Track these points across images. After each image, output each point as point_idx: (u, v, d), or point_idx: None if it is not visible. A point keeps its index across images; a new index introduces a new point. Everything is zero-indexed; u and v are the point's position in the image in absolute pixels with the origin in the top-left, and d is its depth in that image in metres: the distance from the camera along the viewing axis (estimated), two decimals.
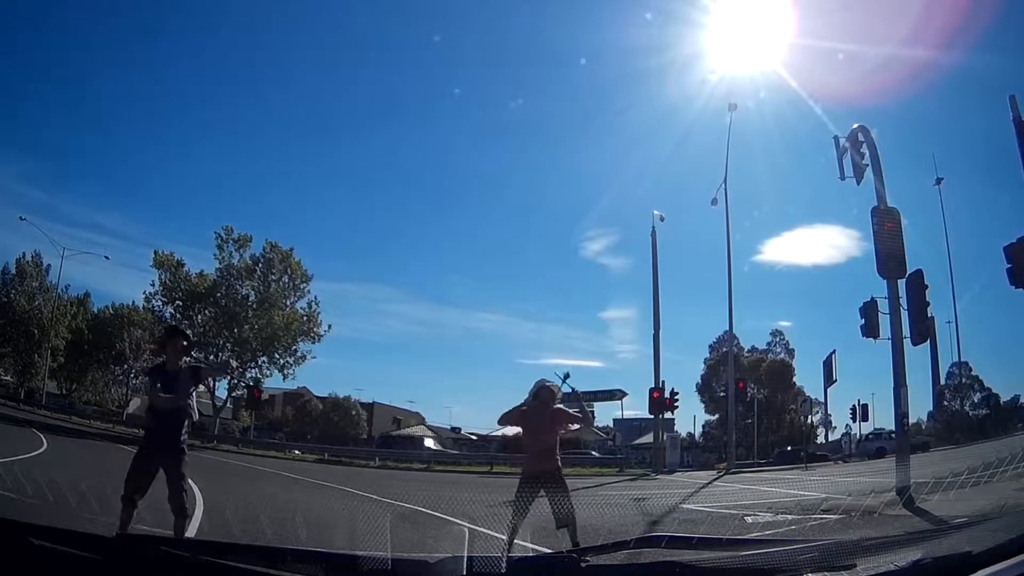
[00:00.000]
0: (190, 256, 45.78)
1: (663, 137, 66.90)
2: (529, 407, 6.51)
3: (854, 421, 37.47)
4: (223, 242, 40.30)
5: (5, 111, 55.12)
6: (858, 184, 15.52)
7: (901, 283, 13.68)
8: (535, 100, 75.03)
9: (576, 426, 7.24)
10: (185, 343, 5.98)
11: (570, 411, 6.66)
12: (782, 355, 52.47)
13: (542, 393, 6.49)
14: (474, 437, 53.69)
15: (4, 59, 55.39)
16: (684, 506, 12.82)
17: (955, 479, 10.64)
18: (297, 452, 32.81)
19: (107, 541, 2.13)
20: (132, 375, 47.56)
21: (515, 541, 5.55)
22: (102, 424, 35.70)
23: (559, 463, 6.48)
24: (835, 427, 47.25)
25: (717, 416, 49.11)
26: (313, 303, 41.07)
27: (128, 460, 5.83)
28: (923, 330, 13.81)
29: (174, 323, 41.04)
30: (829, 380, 29.37)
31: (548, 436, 6.42)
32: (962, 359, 41.46)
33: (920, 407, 43.96)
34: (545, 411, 6.46)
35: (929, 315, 14.14)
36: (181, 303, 40.58)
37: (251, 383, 40.32)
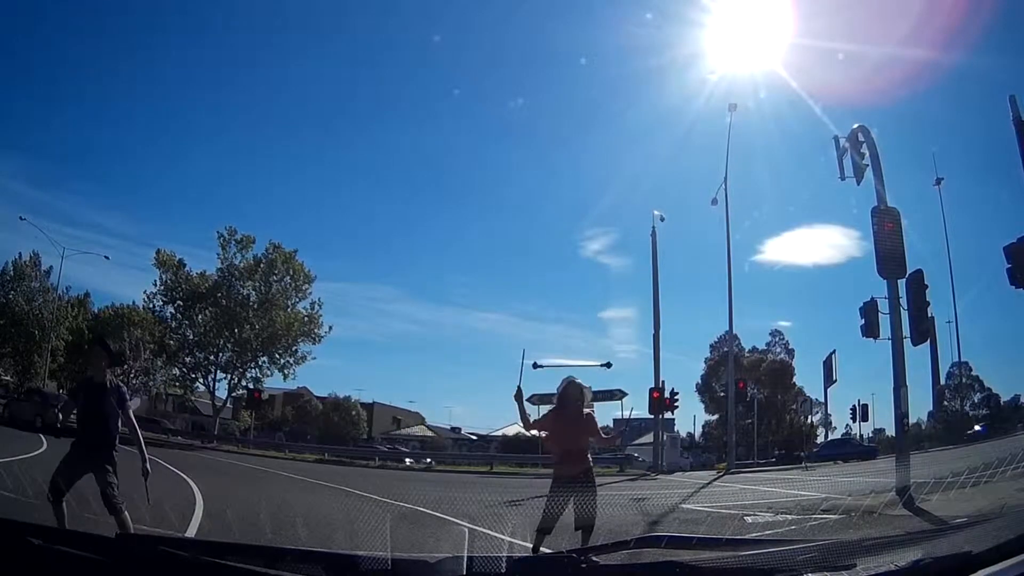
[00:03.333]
0: (190, 256, 45.68)
1: (663, 137, 66.67)
2: (557, 410, 6.10)
3: (854, 421, 37.49)
4: (225, 242, 40.32)
5: (5, 111, 55.08)
6: (858, 184, 15.54)
7: (901, 283, 13.68)
8: (535, 100, 74.84)
9: (598, 441, 6.88)
10: (107, 356, 5.86)
11: (600, 428, 6.33)
12: (782, 355, 52.37)
13: (570, 391, 6.00)
14: (474, 437, 53.71)
15: (4, 59, 55.37)
16: (684, 506, 12.82)
17: (955, 479, 10.64)
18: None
19: (107, 541, 2.13)
20: (132, 375, 47.55)
21: (515, 541, 5.55)
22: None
23: (591, 463, 6.15)
24: (835, 427, 47.27)
25: (717, 416, 49.09)
26: (316, 304, 41.11)
27: (128, 460, 5.84)
28: (923, 330, 13.82)
29: (174, 323, 41.12)
30: (829, 380, 29.34)
31: (578, 439, 6.04)
32: (962, 359, 41.44)
33: (920, 407, 43.92)
34: (574, 413, 6.01)
35: (929, 315, 14.14)
36: (182, 303, 40.57)
37: (251, 384, 40.33)
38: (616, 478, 23.08)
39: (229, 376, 40.99)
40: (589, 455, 6.17)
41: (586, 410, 6.14)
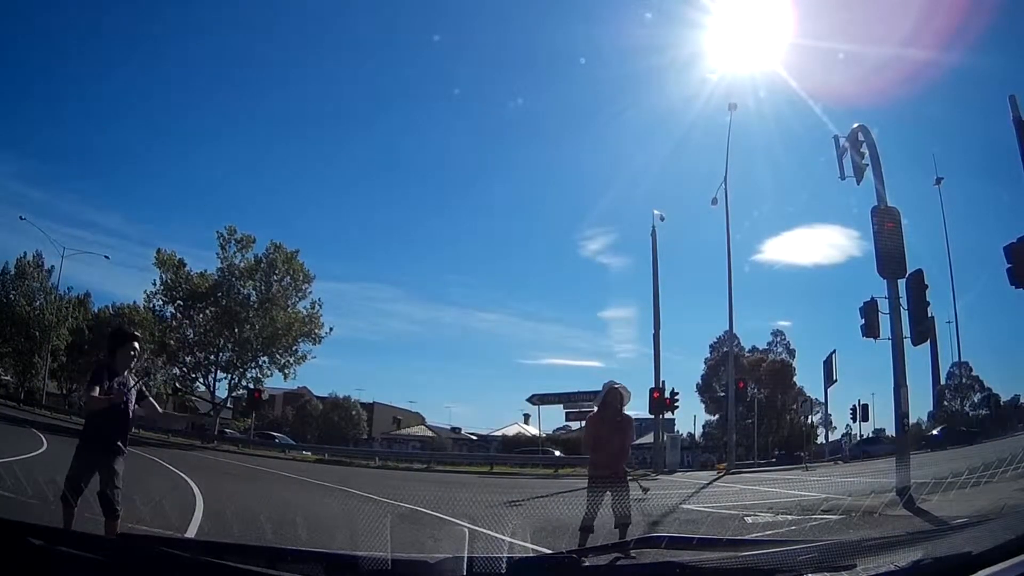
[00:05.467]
0: (190, 256, 45.71)
1: (663, 137, 66.94)
2: (602, 413, 6.60)
3: (854, 421, 37.47)
4: (225, 242, 40.31)
5: (5, 111, 55.12)
6: (858, 184, 15.55)
7: (901, 283, 13.68)
8: (535, 100, 74.98)
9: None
10: (136, 350, 5.72)
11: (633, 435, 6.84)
12: (782, 355, 52.39)
13: (610, 397, 6.52)
14: (474, 437, 53.68)
15: (4, 59, 55.39)
16: (684, 506, 12.81)
17: (955, 479, 10.64)
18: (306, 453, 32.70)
19: (107, 541, 2.14)
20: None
21: (515, 542, 5.55)
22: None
23: (621, 470, 6.55)
24: (835, 427, 47.27)
25: (717, 416, 49.06)
26: (316, 304, 41.10)
27: (129, 460, 5.83)
28: (923, 330, 13.82)
29: (174, 323, 41.06)
30: (829, 380, 29.36)
31: (618, 442, 6.51)
32: (962, 359, 41.47)
33: (920, 407, 43.92)
34: (616, 417, 6.53)
35: (929, 315, 14.14)
36: (182, 303, 40.55)
37: (251, 383, 40.30)
38: None
39: (229, 376, 41.03)
40: (624, 460, 6.57)
41: (625, 412, 6.66)
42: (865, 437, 36.84)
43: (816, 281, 69.93)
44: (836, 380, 28.85)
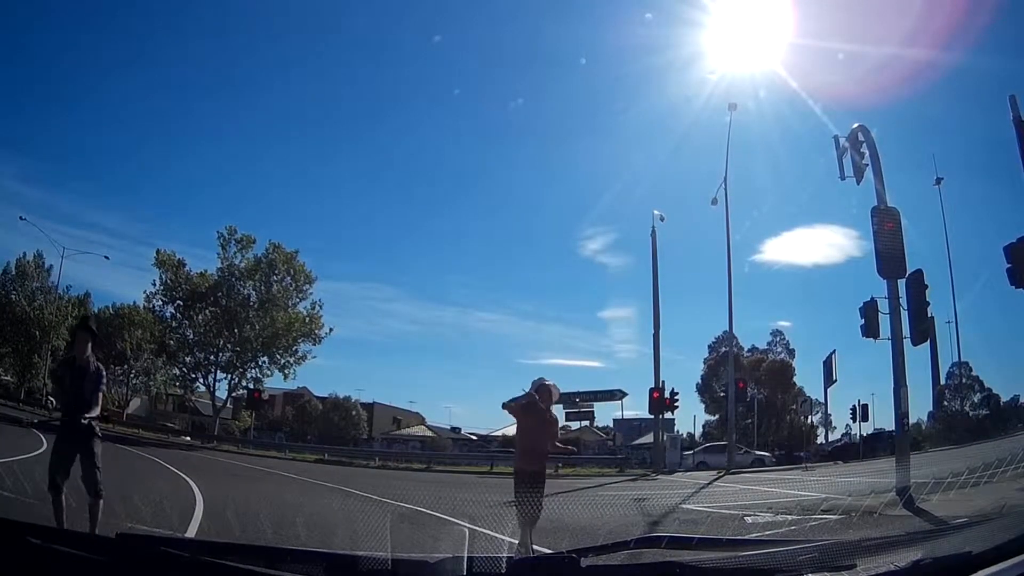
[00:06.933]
0: (190, 256, 45.69)
1: (663, 137, 66.92)
2: (528, 405, 6.51)
3: (854, 421, 37.39)
4: (225, 242, 40.32)
5: (5, 111, 55.14)
6: (858, 184, 15.56)
7: (901, 283, 13.68)
8: (535, 100, 74.93)
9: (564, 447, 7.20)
10: (89, 339, 6.05)
11: (559, 434, 6.81)
12: (782, 355, 52.30)
13: (540, 393, 6.47)
14: (474, 437, 53.68)
15: (4, 59, 55.40)
16: (684, 506, 12.81)
17: (955, 479, 10.64)
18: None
19: (107, 541, 2.13)
20: (132, 375, 47.57)
21: (515, 542, 5.55)
22: (102, 425, 35.60)
23: (545, 466, 6.61)
24: (835, 427, 47.24)
25: (717, 416, 49.02)
26: (316, 304, 41.13)
27: (129, 460, 5.86)
28: (923, 330, 13.83)
29: (174, 323, 41.07)
30: (829, 380, 29.33)
31: (541, 439, 6.48)
32: (962, 359, 41.37)
33: (920, 407, 43.79)
34: (542, 413, 6.45)
35: (929, 315, 14.15)
36: (182, 303, 40.55)
37: (251, 384, 40.31)
38: (616, 478, 23.07)
39: (229, 376, 41.04)
40: (546, 459, 6.69)
41: (553, 408, 6.72)
42: None
43: (816, 281, 69.82)
44: (836, 380, 28.82)
